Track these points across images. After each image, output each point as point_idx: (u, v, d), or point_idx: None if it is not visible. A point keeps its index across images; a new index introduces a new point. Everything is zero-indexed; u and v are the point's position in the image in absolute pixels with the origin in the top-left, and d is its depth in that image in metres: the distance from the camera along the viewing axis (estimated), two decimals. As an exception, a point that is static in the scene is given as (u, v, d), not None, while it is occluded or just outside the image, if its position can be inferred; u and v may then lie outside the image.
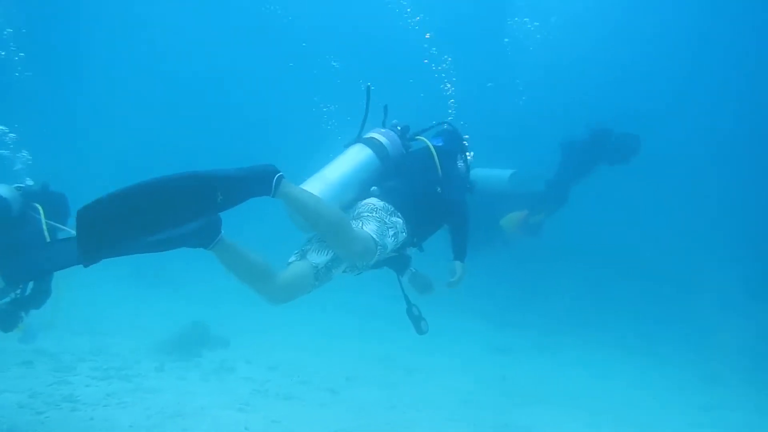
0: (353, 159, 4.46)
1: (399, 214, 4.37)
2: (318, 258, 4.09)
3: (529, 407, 8.75)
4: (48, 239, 4.84)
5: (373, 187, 4.50)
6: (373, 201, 4.38)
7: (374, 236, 4.06)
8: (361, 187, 4.47)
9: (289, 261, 4.12)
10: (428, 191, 4.74)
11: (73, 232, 3.74)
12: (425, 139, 4.94)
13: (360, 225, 4.11)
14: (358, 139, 4.65)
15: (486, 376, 10.21)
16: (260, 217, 11.06)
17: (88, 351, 8.76)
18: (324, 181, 4.23)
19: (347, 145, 4.62)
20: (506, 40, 18.23)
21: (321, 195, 4.01)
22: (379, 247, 4.07)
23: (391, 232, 4.22)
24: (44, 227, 4.88)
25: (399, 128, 4.91)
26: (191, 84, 27.55)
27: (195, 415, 6.59)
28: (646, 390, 10.58)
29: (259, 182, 3.47)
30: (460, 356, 11.34)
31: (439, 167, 4.81)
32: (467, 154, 5.31)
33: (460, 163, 5.18)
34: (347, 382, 8.91)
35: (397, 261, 4.83)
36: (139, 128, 25.54)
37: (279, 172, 3.56)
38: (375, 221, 4.18)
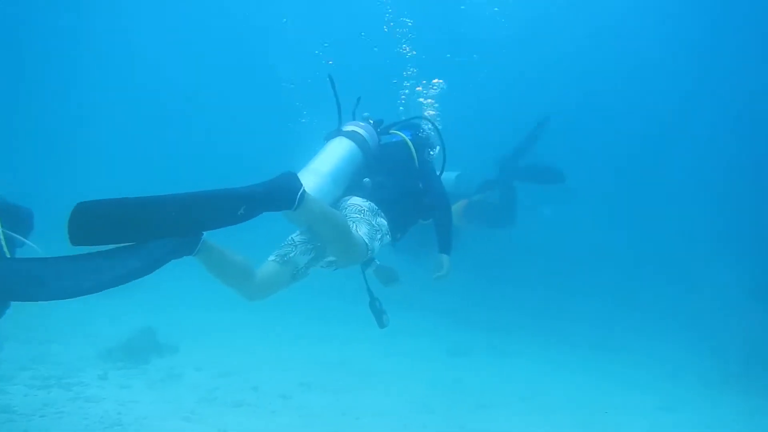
0: (340, 152, 4.49)
1: (383, 214, 4.46)
2: (300, 257, 4.22)
3: (485, 411, 8.64)
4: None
5: (366, 179, 4.59)
6: (358, 201, 4.43)
7: (366, 240, 4.15)
8: (349, 180, 4.53)
9: (270, 259, 4.22)
10: (410, 187, 4.86)
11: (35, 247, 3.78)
12: (400, 133, 5.02)
13: (354, 228, 4.17)
14: (339, 132, 4.67)
15: (441, 380, 10.07)
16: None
17: (30, 359, 8.41)
18: (317, 174, 4.29)
19: (327, 138, 4.66)
20: (462, 7, 18.11)
21: (316, 188, 4.12)
22: (369, 251, 4.19)
23: (378, 236, 4.33)
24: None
25: (372, 121, 4.97)
26: (158, 85, 26.89)
27: (135, 426, 6.35)
28: (604, 390, 10.53)
29: (283, 200, 3.52)
30: (415, 359, 11.18)
31: (416, 160, 4.90)
32: (432, 150, 5.33)
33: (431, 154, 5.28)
34: (300, 388, 8.71)
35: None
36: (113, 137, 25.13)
37: (302, 187, 3.59)
38: (365, 224, 4.27)
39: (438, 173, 5.25)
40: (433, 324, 13.60)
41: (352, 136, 4.63)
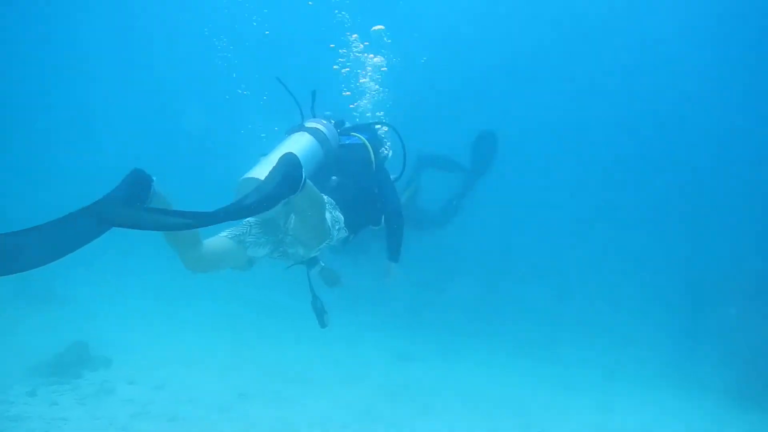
0: (302, 144, 4.42)
1: (339, 209, 4.49)
2: (253, 246, 4.14)
3: (430, 416, 8.55)
4: None
5: (333, 177, 4.61)
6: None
7: (329, 224, 4.21)
8: (308, 175, 4.35)
9: (222, 234, 4.10)
10: (366, 191, 4.87)
11: None
12: (359, 135, 5.02)
13: None
14: (301, 128, 4.62)
15: (386, 386, 9.92)
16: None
17: (-46, 377, 7.99)
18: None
19: (289, 132, 4.60)
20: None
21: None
22: (330, 235, 4.27)
23: (336, 226, 4.38)
24: None
25: (333, 121, 4.98)
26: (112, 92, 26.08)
27: (61, 445, 6.02)
28: (546, 392, 10.57)
29: (290, 187, 3.48)
30: (362, 364, 11.02)
31: (374, 163, 4.91)
32: (384, 149, 5.39)
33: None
34: (239, 399, 8.44)
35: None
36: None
37: (304, 177, 3.57)
38: (328, 213, 4.27)
39: (394, 178, 5.30)
40: (381, 328, 13.47)
41: (314, 132, 4.59)
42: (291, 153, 3.64)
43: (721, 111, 19.82)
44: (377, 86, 7.83)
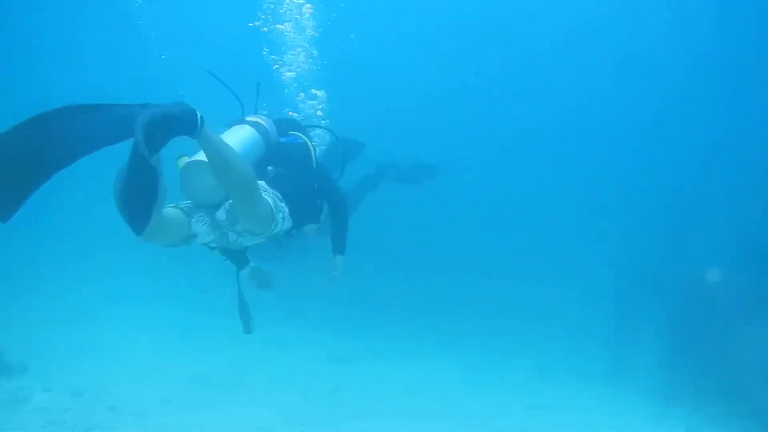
0: (244, 135, 4.38)
1: (285, 202, 4.37)
2: (198, 223, 4.02)
3: (361, 421, 8.35)
4: None
5: (269, 167, 4.52)
6: (262, 183, 4.28)
7: (272, 206, 4.09)
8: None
9: (172, 205, 4.01)
10: (308, 187, 4.82)
11: None
12: (299, 134, 4.99)
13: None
14: (243, 120, 4.58)
15: (319, 389, 9.73)
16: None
17: None
18: None
19: (230, 125, 4.53)
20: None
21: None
22: (275, 220, 4.12)
23: (281, 214, 4.24)
24: None
25: (273, 119, 4.89)
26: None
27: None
28: (482, 392, 10.54)
29: (186, 119, 3.37)
30: (292, 368, 10.80)
31: (314, 161, 4.88)
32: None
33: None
34: (162, 406, 8.10)
35: (239, 255, 4.84)
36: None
37: (198, 112, 3.43)
38: (270, 197, 4.17)
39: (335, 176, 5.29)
40: (314, 330, 13.25)
41: (255, 125, 4.54)
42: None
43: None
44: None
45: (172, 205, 4.03)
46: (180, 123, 3.34)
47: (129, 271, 14.01)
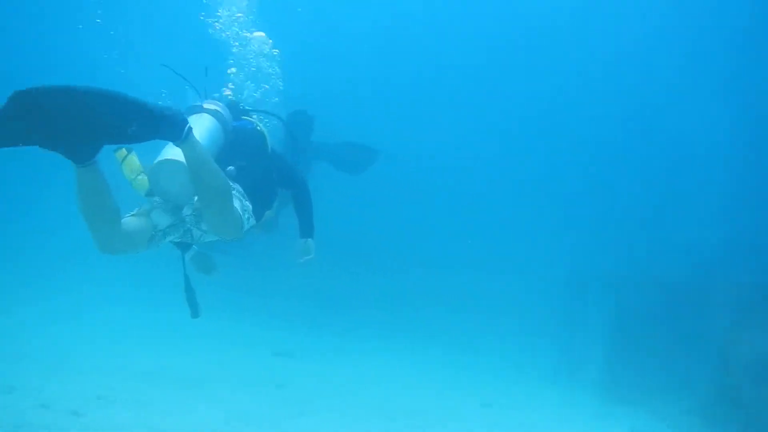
0: (206, 125, 4.27)
1: (248, 198, 4.37)
2: (161, 221, 4.00)
3: (306, 418, 8.14)
4: None
5: (230, 167, 4.37)
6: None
7: (240, 212, 4.09)
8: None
9: (132, 213, 3.97)
10: (269, 176, 4.77)
11: None
12: (253, 119, 4.91)
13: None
14: (201, 109, 4.46)
15: (263, 385, 9.47)
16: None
17: None
18: None
19: (188, 113, 4.35)
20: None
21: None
22: (243, 226, 4.13)
23: (246, 215, 4.24)
24: None
25: (228, 102, 4.85)
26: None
27: None
28: (429, 389, 10.41)
29: (172, 125, 3.39)
30: (237, 364, 10.48)
31: (269, 147, 4.79)
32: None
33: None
34: (97, 402, 7.72)
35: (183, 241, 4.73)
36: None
37: (188, 122, 3.48)
38: (236, 199, 4.14)
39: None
40: (258, 325, 12.96)
41: (215, 114, 4.43)
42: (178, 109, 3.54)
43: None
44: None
45: (130, 214, 3.98)
46: (167, 126, 3.37)
47: (59, 265, 13.55)
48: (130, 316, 12.15)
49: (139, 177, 4.15)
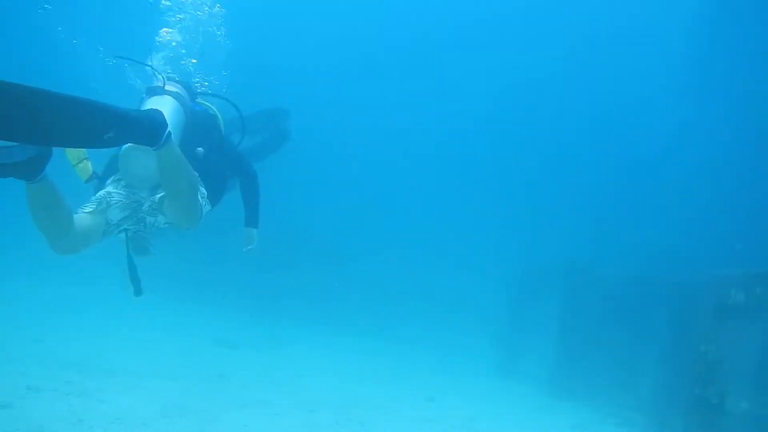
0: (170, 111, 4.24)
1: (203, 183, 4.37)
2: (115, 216, 4.08)
3: (244, 411, 7.91)
4: None
5: (199, 148, 4.43)
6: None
7: (201, 202, 4.18)
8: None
9: (85, 211, 4.01)
10: (224, 162, 4.79)
11: None
12: (207, 103, 4.92)
13: None
14: (163, 91, 4.46)
15: (203, 376, 9.22)
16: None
17: None
18: None
19: (149, 94, 4.45)
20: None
21: None
22: (201, 215, 4.21)
23: (203, 202, 4.29)
24: None
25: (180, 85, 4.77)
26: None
27: None
28: (375, 383, 10.31)
29: (150, 131, 3.32)
30: (177, 354, 10.22)
31: (222, 132, 4.82)
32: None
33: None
34: (27, 393, 7.39)
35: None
36: None
37: (168, 126, 3.44)
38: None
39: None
40: (199, 318, 12.69)
41: (176, 96, 4.45)
42: (160, 112, 3.49)
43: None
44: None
45: (83, 210, 4.03)
46: (145, 132, 3.30)
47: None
48: (61, 301, 11.74)
49: (81, 164, 4.23)
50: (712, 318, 7.83)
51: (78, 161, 4.23)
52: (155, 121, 3.37)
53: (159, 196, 4.12)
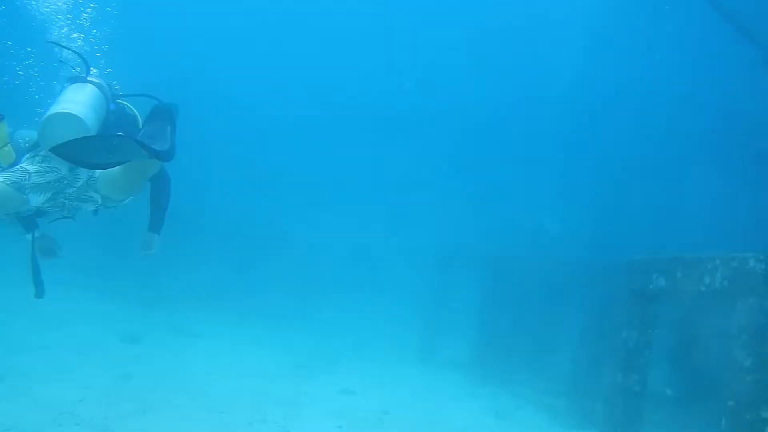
0: (90, 92, 4.40)
1: None
2: (36, 200, 4.14)
3: (150, 413, 7.29)
4: None
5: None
6: None
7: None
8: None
9: (5, 178, 4.01)
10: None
11: None
12: (127, 103, 4.91)
13: None
14: (86, 79, 4.53)
15: (104, 377, 8.52)
16: None
17: None
18: (78, 103, 4.21)
19: (72, 81, 4.50)
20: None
21: (82, 115, 4.13)
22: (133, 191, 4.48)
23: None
24: None
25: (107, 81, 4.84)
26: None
27: None
28: (290, 379, 9.88)
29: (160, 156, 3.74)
30: (71, 351, 9.41)
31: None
32: None
33: None
34: None
35: (30, 220, 4.81)
36: None
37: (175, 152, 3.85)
38: None
39: None
40: (101, 308, 11.93)
41: (98, 86, 4.54)
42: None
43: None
44: None
45: (2, 179, 4.02)
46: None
47: None
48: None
49: (5, 148, 4.26)
50: (633, 303, 7.69)
51: (2, 145, 4.24)
52: (169, 151, 3.83)
53: (96, 174, 4.24)
